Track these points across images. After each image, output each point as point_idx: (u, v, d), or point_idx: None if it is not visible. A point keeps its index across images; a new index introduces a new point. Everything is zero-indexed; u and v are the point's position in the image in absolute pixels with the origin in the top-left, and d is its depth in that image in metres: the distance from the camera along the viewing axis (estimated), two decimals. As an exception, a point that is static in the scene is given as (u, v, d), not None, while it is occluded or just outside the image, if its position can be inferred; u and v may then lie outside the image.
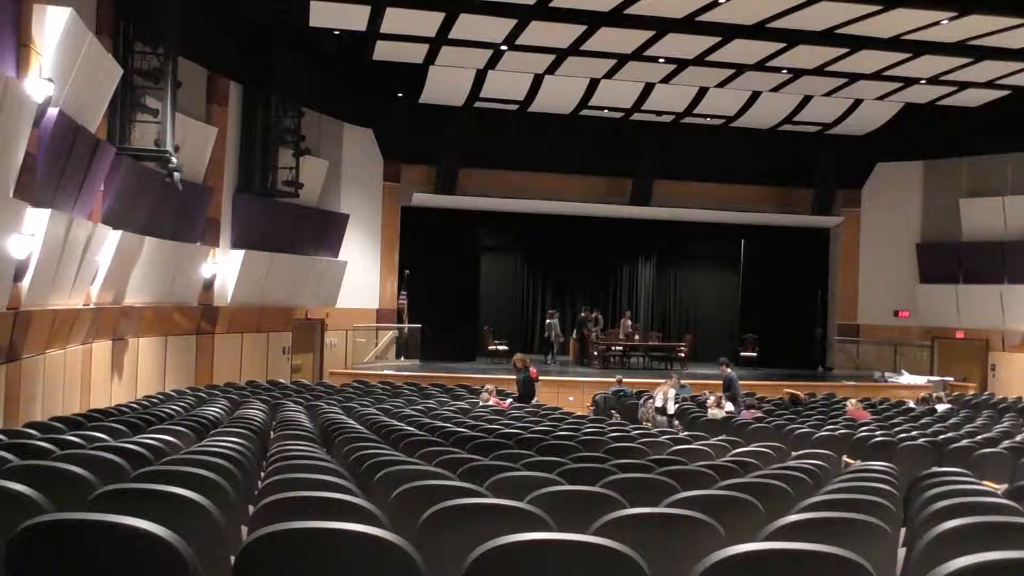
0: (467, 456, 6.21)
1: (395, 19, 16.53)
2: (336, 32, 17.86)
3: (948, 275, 22.44)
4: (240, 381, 16.20)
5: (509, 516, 3.55)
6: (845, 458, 8.86)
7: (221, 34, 16.83)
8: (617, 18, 16.05)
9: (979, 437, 9.90)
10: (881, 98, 20.92)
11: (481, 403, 13.46)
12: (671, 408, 13.69)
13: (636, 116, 22.38)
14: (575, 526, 3.34)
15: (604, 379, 18.58)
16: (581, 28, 16.50)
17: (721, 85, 20.21)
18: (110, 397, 13.14)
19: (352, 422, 9.08)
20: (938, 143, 22.79)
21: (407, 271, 22.77)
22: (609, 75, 19.38)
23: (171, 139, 13.21)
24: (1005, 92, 19.90)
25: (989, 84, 19.35)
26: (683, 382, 15.50)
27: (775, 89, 20.45)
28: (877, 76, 19.08)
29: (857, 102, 21.38)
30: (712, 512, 3.70)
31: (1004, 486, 5.91)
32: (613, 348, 22.96)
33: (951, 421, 12.38)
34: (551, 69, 19.22)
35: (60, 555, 2.87)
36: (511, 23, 16.48)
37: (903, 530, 4.61)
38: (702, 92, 20.89)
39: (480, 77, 20.10)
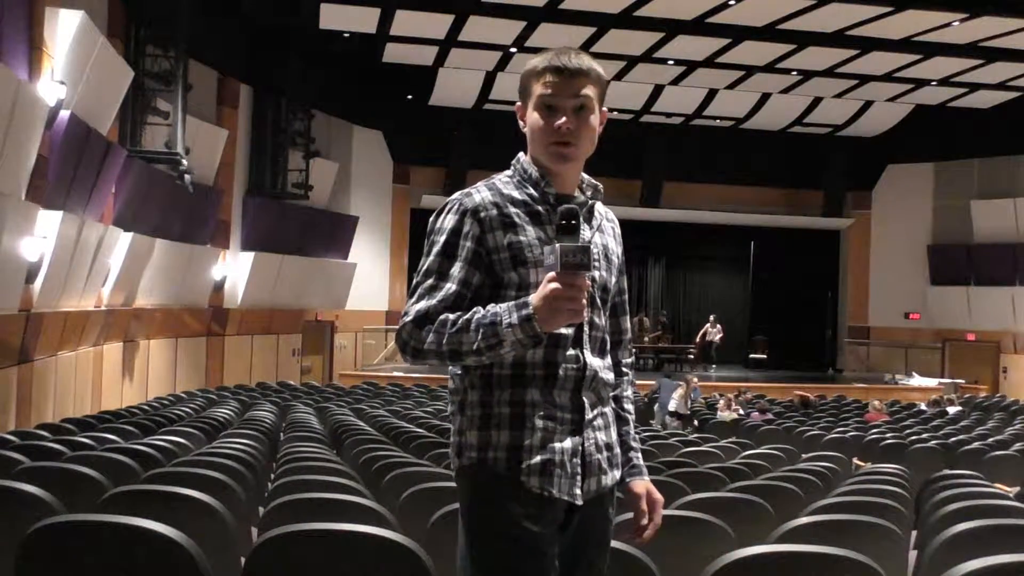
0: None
1: (405, 21, 16.55)
2: (346, 34, 17.90)
3: (959, 277, 22.34)
4: (250, 383, 16.25)
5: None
6: (855, 460, 8.83)
7: (231, 37, 16.89)
8: (627, 20, 16.04)
9: (991, 440, 9.85)
10: (892, 100, 20.86)
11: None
12: (684, 411, 13.64)
13: (645, 118, 22.38)
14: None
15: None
16: (591, 30, 16.50)
17: (731, 87, 20.19)
18: (121, 399, 13.20)
19: (362, 424, 9.09)
20: (949, 145, 22.69)
21: (416, 273, 22.76)
22: (618, 77, 19.37)
23: (182, 141, 13.27)
24: (1016, 93, 19.83)
25: (1000, 86, 19.28)
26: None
27: (785, 91, 20.41)
28: (888, 78, 19.02)
29: (867, 104, 21.31)
30: (722, 514, 3.69)
31: (1016, 489, 5.88)
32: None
33: (962, 423, 12.32)
34: (560, 71, 19.21)
35: (71, 556, 2.89)
36: (520, 25, 16.49)
37: (914, 533, 4.59)
38: (712, 94, 20.86)
39: (489, 79, 20.13)
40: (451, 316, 2.11)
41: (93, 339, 12.30)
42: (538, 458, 2.14)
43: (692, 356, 22.80)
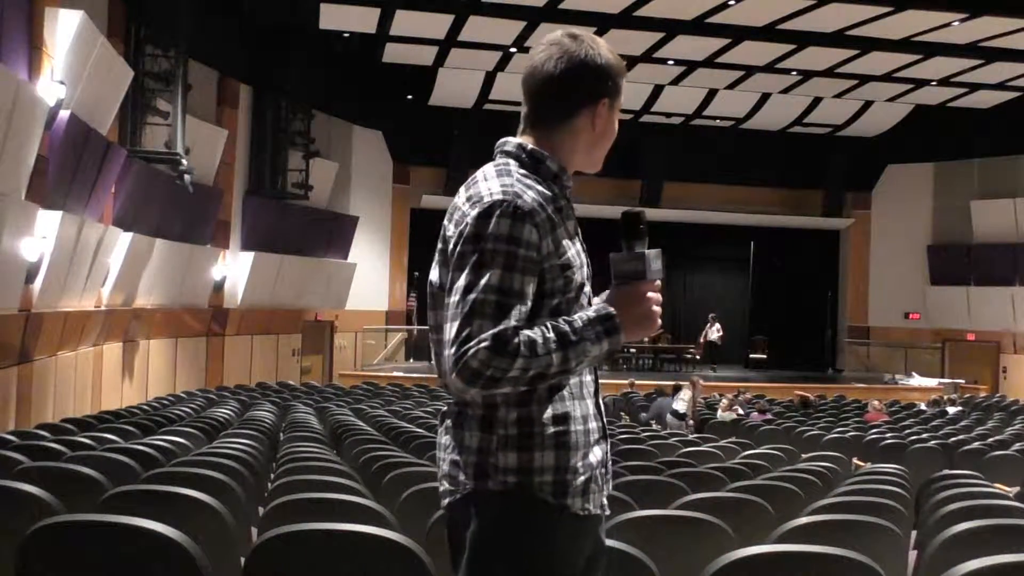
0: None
1: (405, 21, 16.55)
2: (346, 34, 17.90)
3: (959, 277, 22.34)
4: (250, 383, 16.25)
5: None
6: (855, 460, 8.83)
7: (231, 36, 16.89)
8: (627, 20, 16.04)
9: (990, 440, 9.85)
10: (891, 100, 20.85)
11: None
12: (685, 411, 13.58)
13: (645, 118, 22.36)
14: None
15: (615, 381, 18.45)
16: (591, 30, 16.45)
17: (731, 87, 20.19)
18: (121, 399, 13.19)
19: (362, 424, 9.09)
20: (949, 145, 22.70)
21: (416, 273, 22.78)
22: (618, 77, 19.34)
23: (182, 141, 13.26)
24: (1016, 93, 19.82)
25: (1000, 86, 19.28)
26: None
27: (785, 91, 20.40)
28: (887, 78, 19.02)
29: (867, 104, 21.31)
30: (722, 514, 3.69)
31: (1015, 489, 5.88)
32: (628, 350, 22.99)
33: (962, 423, 12.32)
34: (560, 71, 19.22)
35: (71, 556, 2.89)
36: (520, 25, 16.50)
37: (914, 533, 4.59)
38: (711, 94, 20.86)
39: (489, 79, 20.12)
40: (532, 337, 1.93)
41: (93, 339, 12.30)
42: (581, 477, 2.04)
43: (698, 357, 22.77)
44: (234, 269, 17.33)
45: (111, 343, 13.15)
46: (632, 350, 23.16)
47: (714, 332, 23.29)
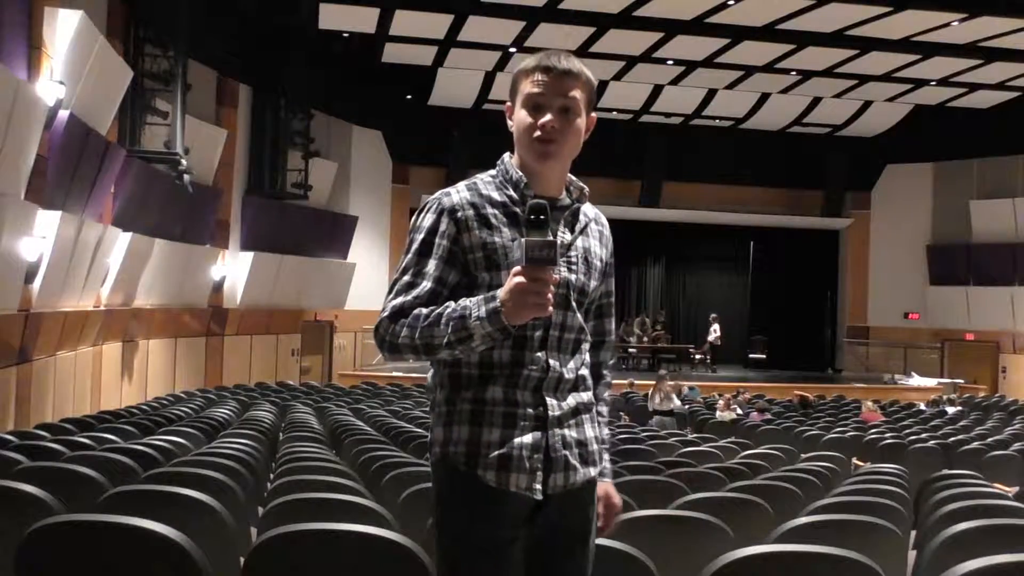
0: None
1: (404, 21, 16.56)
2: (345, 34, 17.90)
3: (958, 277, 22.37)
4: (249, 383, 16.24)
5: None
6: (855, 460, 8.83)
7: (231, 36, 16.89)
8: (626, 20, 16.05)
9: (990, 440, 9.85)
10: (891, 100, 20.87)
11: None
12: (676, 402, 13.57)
13: (645, 118, 22.36)
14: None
15: (615, 381, 18.37)
16: (590, 30, 16.50)
17: (730, 87, 20.19)
18: (120, 399, 13.19)
19: (361, 424, 9.09)
20: (948, 145, 22.70)
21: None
22: (618, 77, 19.37)
23: (181, 141, 13.27)
24: (1016, 93, 19.84)
25: (999, 86, 19.29)
26: (690, 384, 15.39)
27: (784, 91, 20.42)
28: (887, 78, 19.03)
29: (867, 104, 21.33)
30: (721, 514, 3.69)
31: (1015, 489, 5.88)
32: (628, 350, 22.99)
33: (961, 423, 12.33)
34: (560, 71, 19.23)
35: (70, 556, 2.89)
36: (520, 25, 16.49)
37: (913, 533, 4.59)
38: (711, 94, 20.87)
39: (489, 79, 20.13)
40: (424, 311, 2.15)
41: (92, 339, 12.30)
42: (495, 453, 2.17)
43: (705, 358, 22.74)
44: (233, 269, 17.33)
45: (110, 343, 13.15)
46: (632, 351, 23.16)
47: (712, 333, 23.31)
